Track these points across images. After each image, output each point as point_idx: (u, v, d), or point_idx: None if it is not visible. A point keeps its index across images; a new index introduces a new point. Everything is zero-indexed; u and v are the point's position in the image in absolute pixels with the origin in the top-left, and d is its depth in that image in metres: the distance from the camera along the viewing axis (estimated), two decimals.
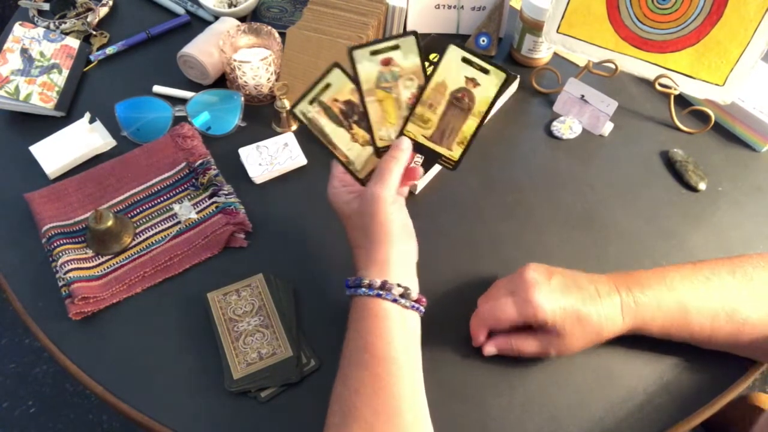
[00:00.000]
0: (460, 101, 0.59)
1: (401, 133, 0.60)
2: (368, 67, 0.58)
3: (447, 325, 0.63)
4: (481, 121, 0.59)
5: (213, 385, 0.61)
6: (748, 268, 0.59)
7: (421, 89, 0.59)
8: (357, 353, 0.53)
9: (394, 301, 0.54)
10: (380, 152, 0.60)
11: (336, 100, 0.59)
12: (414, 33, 0.57)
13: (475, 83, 0.58)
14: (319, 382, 0.61)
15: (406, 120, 0.60)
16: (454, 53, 0.58)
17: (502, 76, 0.57)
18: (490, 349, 0.61)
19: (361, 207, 0.57)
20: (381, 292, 0.54)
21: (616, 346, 0.63)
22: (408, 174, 0.60)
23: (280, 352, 0.62)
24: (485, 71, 0.58)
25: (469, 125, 0.59)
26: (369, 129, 0.60)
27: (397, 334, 0.53)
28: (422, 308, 0.56)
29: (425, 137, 0.60)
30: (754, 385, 1.42)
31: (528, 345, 0.59)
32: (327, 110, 0.59)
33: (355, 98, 0.59)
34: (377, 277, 0.55)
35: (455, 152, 0.60)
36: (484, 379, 0.61)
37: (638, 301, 0.57)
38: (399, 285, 0.54)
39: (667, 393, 0.60)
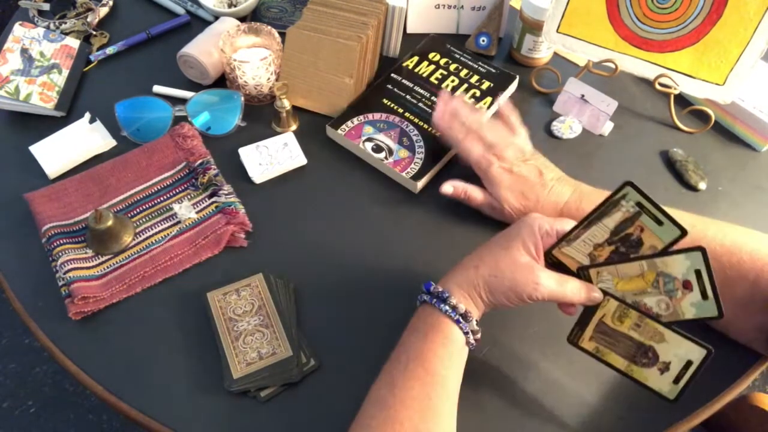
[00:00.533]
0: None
1: (608, 298, 0.55)
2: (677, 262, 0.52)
3: None
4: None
5: (213, 385, 0.61)
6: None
7: (661, 322, 0.53)
8: (413, 365, 0.52)
9: (465, 333, 0.54)
10: (581, 274, 0.55)
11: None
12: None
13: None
14: (319, 382, 0.61)
15: (626, 309, 0.54)
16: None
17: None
18: (447, 187, 0.71)
19: (520, 262, 0.54)
20: (461, 320, 0.53)
21: None
22: (565, 305, 0.56)
23: (279, 352, 0.62)
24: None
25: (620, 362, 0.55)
26: (607, 263, 0.54)
27: (455, 362, 0.54)
28: (474, 347, 0.56)
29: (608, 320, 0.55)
30: (754, 385, 1.42)
31: (476, 193, 0.70)
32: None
33: (636, 235, 0.53)
34: (464, 304, 0.54)
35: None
36: (484, 379, 0.61)
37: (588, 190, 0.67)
38: (476, 321, 0.54)
39: None
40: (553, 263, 0.56)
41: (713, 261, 0.52)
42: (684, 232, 0.51)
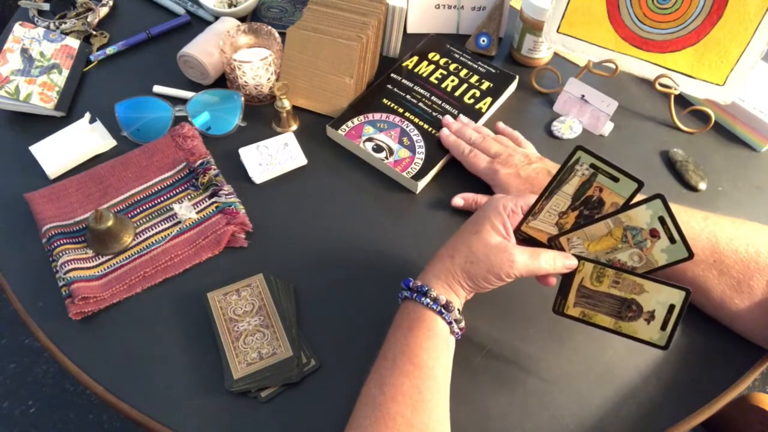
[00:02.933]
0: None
1: (584, 261, 0.56)
2: (639, 213, 0.53)
3: None
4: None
5: (213, 385, 0.61)
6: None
7: (637, 274, 0.54)
8: (401, 361, 0.53)
9: (449, 323, 0.54)
10: (552, 245, 0.57)
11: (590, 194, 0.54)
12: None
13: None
14: (319, 382, 0.61)
15: (600, 266, 0.55)
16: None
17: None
18: (457, 200, 0.72)
19: (492, 243, 0.54)
20: (443, 311, 0.54)
21: (616, 346, 0.63)
22: (543, 277, 0.58)
23: (280, 352, 0.62)
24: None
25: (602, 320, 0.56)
26: (574, 229, 0.55)
27: (442, 353, 0.54)
28: (460, 336, 0.56)
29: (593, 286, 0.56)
30: (754, 385, 1.42)
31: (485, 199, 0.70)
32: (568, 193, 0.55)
33: (598, 196, 0.54)
34: (444, 294, 0.55)
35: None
36: (484, 379, 0.61)
37: None
38: (458, 310, 0.55)
39: (667, 393, 0.60)
40: (525, 239, 0.58)
41: (731, 256, 0.52)
42: (641, 183, 0.52)
